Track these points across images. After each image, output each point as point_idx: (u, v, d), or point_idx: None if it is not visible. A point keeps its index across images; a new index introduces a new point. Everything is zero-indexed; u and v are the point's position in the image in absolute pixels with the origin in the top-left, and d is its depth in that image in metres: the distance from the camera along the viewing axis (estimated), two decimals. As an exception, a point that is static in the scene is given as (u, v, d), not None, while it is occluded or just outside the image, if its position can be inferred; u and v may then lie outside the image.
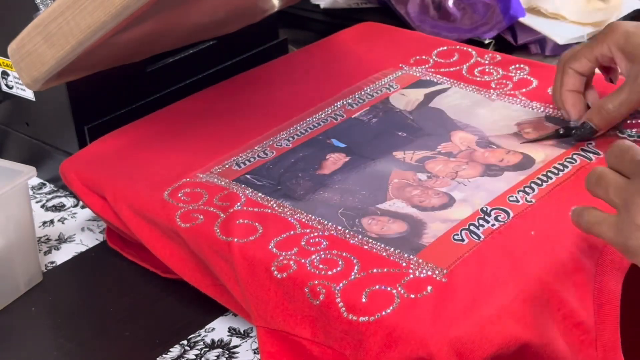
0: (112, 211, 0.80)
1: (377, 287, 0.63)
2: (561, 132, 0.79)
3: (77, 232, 0.89)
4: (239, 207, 0.73)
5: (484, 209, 0.71)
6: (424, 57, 0.97)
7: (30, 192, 0.94)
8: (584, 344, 0.64)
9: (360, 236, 0.69)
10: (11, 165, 0.80)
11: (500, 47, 1.10)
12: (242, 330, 0.75)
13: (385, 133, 0.84)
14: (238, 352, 0.72)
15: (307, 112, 0.88)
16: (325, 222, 0.71)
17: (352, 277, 0.65)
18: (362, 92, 0.91)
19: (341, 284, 0.64)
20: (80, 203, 0.92)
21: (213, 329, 0.75)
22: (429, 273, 0.64)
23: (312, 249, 0.68)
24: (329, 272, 0.65)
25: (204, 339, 0.74)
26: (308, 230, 0.70)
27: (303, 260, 0.67)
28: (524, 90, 0.88)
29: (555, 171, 0.75)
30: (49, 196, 0.95)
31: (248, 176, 0.78)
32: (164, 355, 0.72)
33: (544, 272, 0.64)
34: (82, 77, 0.83)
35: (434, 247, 0.67)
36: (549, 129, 0.81)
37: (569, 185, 0.73)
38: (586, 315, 0.64)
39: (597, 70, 0.81)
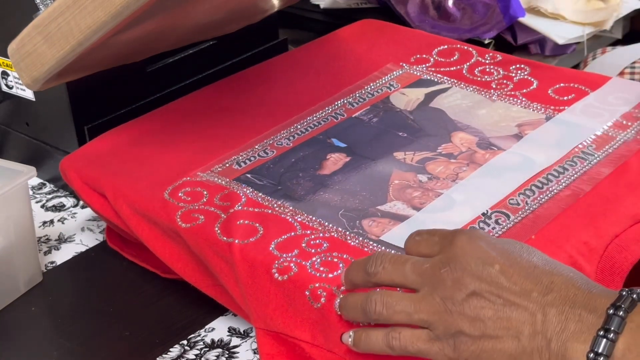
0: (112, 209, 0.79)
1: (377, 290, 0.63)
2: None
3: (77, 232, 0.89)
4: (240, 207, 0.73)
5: (485, 211, 0.71)
6: (424, 55, 0.96)
7: (30, 192, 0.94)
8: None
9: (360, 238, 0.69)
10: (11, 165, 0.80)
11: (500, 47, 1.10)
12: (242, 330, 0.75)
13: (386, 133, 0.84)
14: (238, 352, 0.73)
15: (307, 111, 0.88)
16: (326, 224, 0.71)
17: (353, 279, 0.65)
18: (363, 91, 0.91)
19: (342, 287, 0.64)
20: (81, 203, 0.92)
21: (213, 329, 0.75)
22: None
23: (313, 250, 0.68)
24: (330, 275, 0.65)
25: (204, 339, 0.74)
26: (309, 232, 0.70)
27: (304, 263, 0.67)
28: (524, 90, 0.88)
29: (556, 174, 0.75)
30: (49, 196, 0.95)
31: (249, 175, 0.78)
32: (164, 355, 0.73)
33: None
34: (82, 77, 0.83)
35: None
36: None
37: (569, 188, 0.73)
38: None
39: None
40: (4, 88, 0.95)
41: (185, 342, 0.74)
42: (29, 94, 0.93)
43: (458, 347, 0.56)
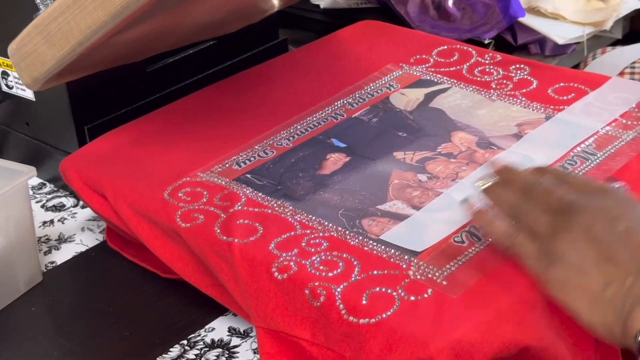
0: (112, 210, 0.80)
1: (377, 289, 0.63)
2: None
3: (77, 232, 0.89)
4: (240, 207, 0.73)
5: (485, 210, 0.71)
6: (424, 56, 0.96)
7: (30, 192, 0.94)
8: (584, 347, 0.64)
9: (360, 237, 0.69)
10: (11, 165, 0.80)
11: (500, 47, 1.10)
12: (242, 330, 0.75)
13: (386, 133, 0.84)
14: (238, 352, 0.73)
15: (307, 112, 0.88)
16: (326, 223, 0.71)
17: (353, 278, 0.65)
18: (362, 92, 0.91)
19: (342, 286, 0.64)
20: (81, 203, 0.92)
21: (213, 328, 0.75)
22: (430, 275, 0.64)
23: (313, 250, 0.68)
24: (330, 274, 0.65)
25: (204, 339, 0.74)
26: (308, 231, 0.70)
27: (303, 262, 0.67)
28: (524, 90, 0.88)
29: (556, 173, 0.75)
30: (49, 196, 0.95)
31: (248, 175, 0.78)
32: (164, 355, 0.73)
33: (544, 275, 0.64)
34: (82, 77, 0.83)
35: (434, 249, 0.67)
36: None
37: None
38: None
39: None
40: (4, 88, 0.95)
41: (185, 342, 0.74)
42: (29, 94, 0.93)
43: (551, 266, 0.60)
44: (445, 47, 0.98)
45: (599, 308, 0.58)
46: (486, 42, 1.10)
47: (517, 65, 0.92)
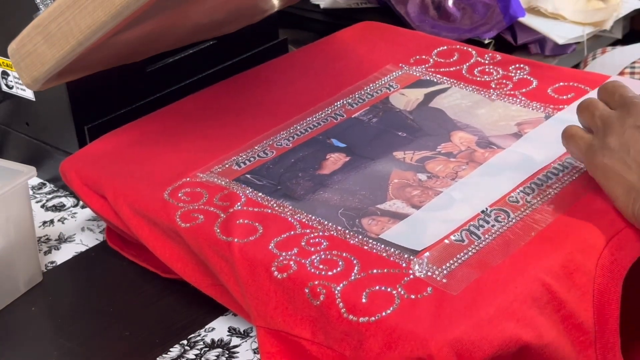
0: (112, 210, 0.80)
1: (377, 287, 0.63)
2: None
3: (77, 232, 0.89)
4: (239, 207, 0.73)
5: (484, 209, 0.71)
6: (424, 56, 0.97)
7: (30, 192, 0.94)
8: (584, 345, 0.64)
9: (360, 236, 0.69)
10: (11, 165, 0.80)
11: (500, 47, 1.10)
12: (242, 330, 0.75)
13: (385, 133, 0.84)
14: (238, 352, 0.73)
15: (307, 112, 0.88)
16: (326, 223, 0.71)
17: (352, 277, 0.65)
18: (362, 92, 0.91)
19: (341, 285, 0.64)
20: (81, 203, 0.92)
21: (213, 328, 0.75)
22: (429, 274, 0.64)
23: (312, 249, 0.68)
24: (329, 273, 0.65)
25: (204, 339, 0.74)
26: (308, 231, 0.70)
27: (303, 261, 0.67)
28: (524, 90, 0.89)
29: (555, 171, 0.75)
30: (49, 196, 0.95)
31: (248, 176, 0.78)
32: (163, 355, 0.73)
33: (543, 273, 0.64)
34: (82, 77, 0.83)
35: (434, 247, 0.67)
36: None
37: (569, 186, 0.73)
38: (586, 316, 0.64)
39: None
40: (4, 88, 0.95)
41: (185, 342, 0.74)
42: (29, 94, 0.93)
43: (598, 154, 0.67)
44: (445, 47, 0.98)
45: (630, 197, 0.65)
46: (486, 42, 1.10)
47: (517, 65, 0.93)
